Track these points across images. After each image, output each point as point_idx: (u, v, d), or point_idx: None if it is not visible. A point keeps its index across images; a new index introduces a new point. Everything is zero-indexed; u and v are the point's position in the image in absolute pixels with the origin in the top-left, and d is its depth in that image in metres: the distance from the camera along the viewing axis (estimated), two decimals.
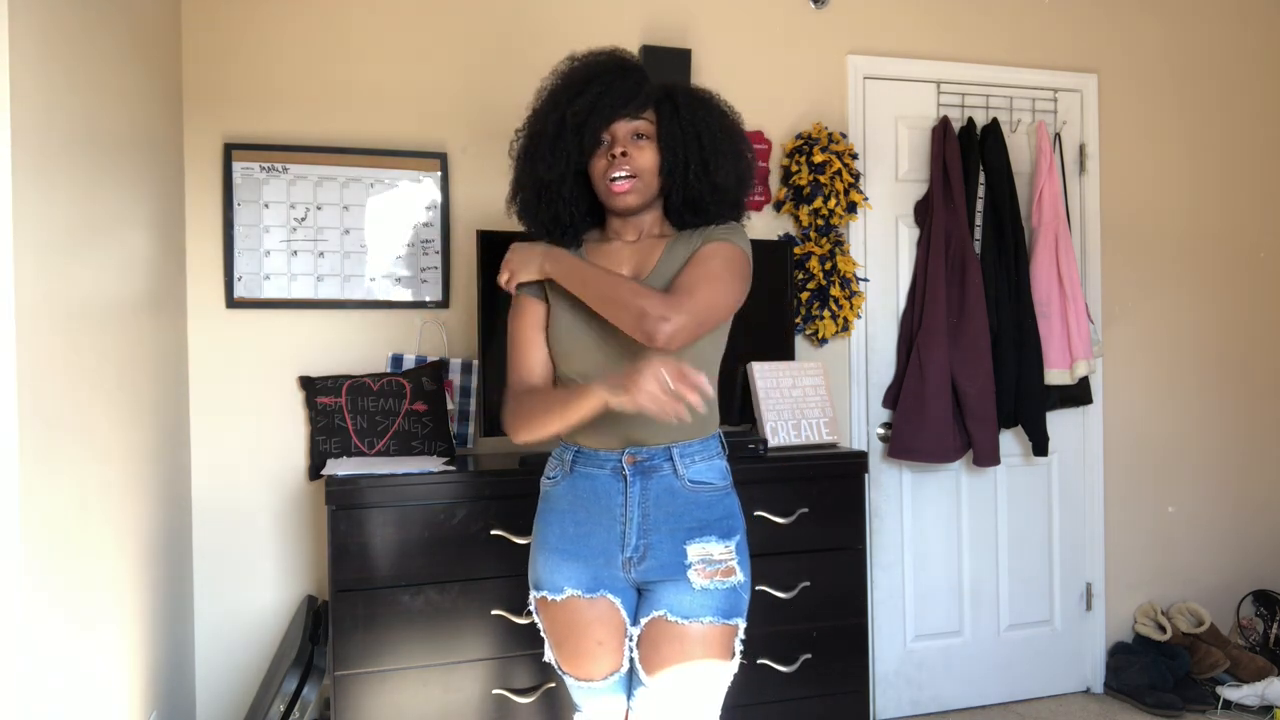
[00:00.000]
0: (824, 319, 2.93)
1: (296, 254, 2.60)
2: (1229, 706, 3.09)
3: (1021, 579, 3.24)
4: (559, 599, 1.63)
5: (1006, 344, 3.02)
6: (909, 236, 3.13)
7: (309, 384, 2.57)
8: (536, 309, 1.68)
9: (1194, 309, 3.47)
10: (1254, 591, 3.50)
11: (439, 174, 2.68)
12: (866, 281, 3.07)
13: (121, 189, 1.97)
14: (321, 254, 2.61)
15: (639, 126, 1.62)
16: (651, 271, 1.64)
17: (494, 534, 2.21)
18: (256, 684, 2.57)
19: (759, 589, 2.31)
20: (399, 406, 2.55)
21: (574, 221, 1.68)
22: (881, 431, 3.11)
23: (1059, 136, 3.24)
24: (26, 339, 1.44)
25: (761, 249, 2.57)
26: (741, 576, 1.62)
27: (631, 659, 1.64)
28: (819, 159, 2.88)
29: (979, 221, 3.05)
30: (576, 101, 1.60)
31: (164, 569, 2.24)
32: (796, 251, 2.92)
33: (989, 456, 2.97)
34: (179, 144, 2.51)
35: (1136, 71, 3.39)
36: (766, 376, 2.62)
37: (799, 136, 2.96)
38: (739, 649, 1.63)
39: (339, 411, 2.54)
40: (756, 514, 2.33)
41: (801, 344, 3.00)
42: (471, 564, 2.20)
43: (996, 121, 3.11)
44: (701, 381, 1.37)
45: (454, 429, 2.64)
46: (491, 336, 2.46)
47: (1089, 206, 3.32)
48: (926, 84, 3.15)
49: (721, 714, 1.66)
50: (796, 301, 2.92)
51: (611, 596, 1.62)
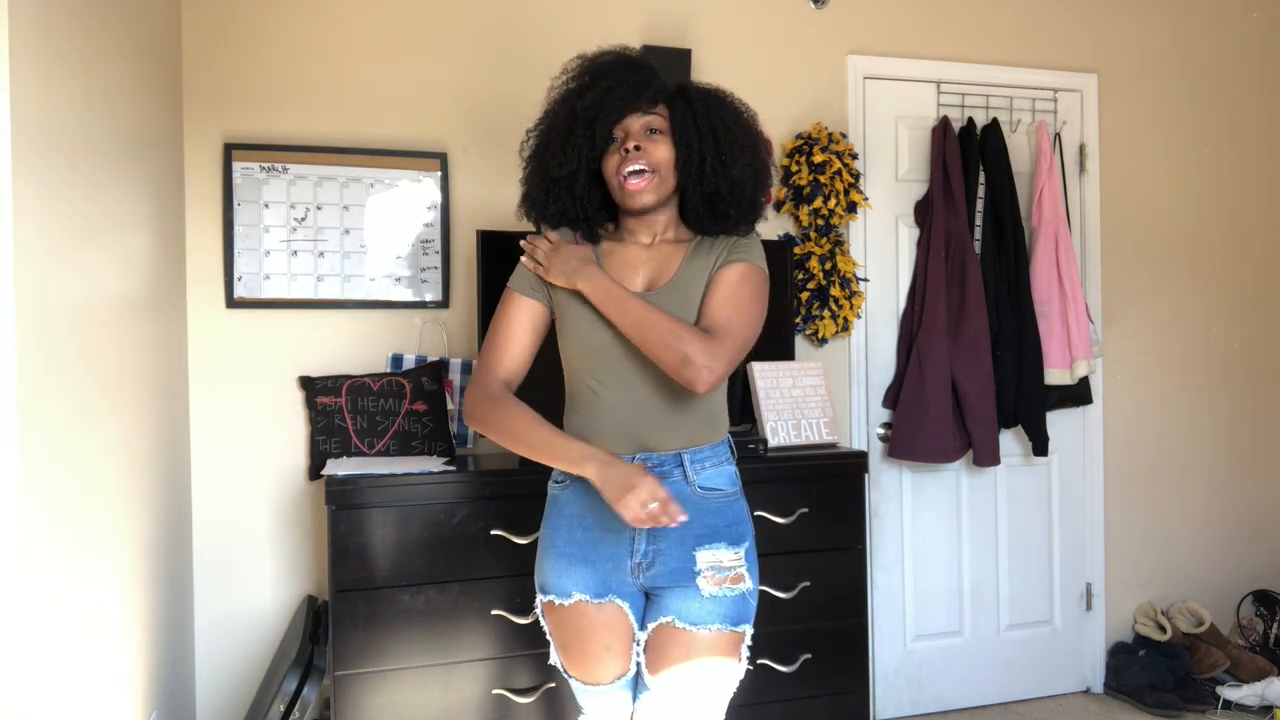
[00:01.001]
0: (824, 319, 2.93)
1: (296, 254, 2.60)
2: (1229, 706, 3.09)
3: (1021, 579, 3.24)
4: (567, 603, 1.62)
5: (1006, 344, 3.02)
6: (909, 236, 3.14)
7: (309, 384, 2.57)
8: (533, 310, 1.65)
9: (1194, 309, 3.47)
10: (1254, 591, 3.50)
11: (439, 174, 2.68)
12: (866, 281, 3.07)
13: (121, 189, 1.97)
14: (321, 254, 2.61)
15: (652, 121, 1.59)
16: (670, 281, 1.61)
17: (494, 534, 2.21)
18: (256, 684, 2.57)
19: (759, 589, 2.31)
20: (399, 406, 2.55)
21: (583, 218, 1.65)
22: (881, 431, 3.11)
23: (1059, 136, 3.24)
24: (26, 339, 1.44)
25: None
26: (750, 584, 1.61)
27: (637, 663, 1.63)
28: (819, 159, 2.88)
29: (979, 221, 3.05)
30: (587, 96, 1.57)
31: (164, 569, 2.24)
32: (796, 251, 2.92)
33: (989, 456, 2.97)
34: (179, 144, 2.51)
35: (1137, 71, 3.39)
36: (766, 376, 2.62)
37: (799, 136, 2.96)
38: (746, 655, 1.62)
39: (339, 411, 2.54)
40: (757, 514, 2.33)
41: (801, 344, 3.00)
42: (471, 564, 2.20)
43: (996, 121, 3.11)
44: (681, 516, 1.43)
45: (454, 429, 2.64)
46: None
47: (1089, 206, 3.32)
48: (926, 84, 3.15)
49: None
50: (796, 301, 2.92)
51: (620, 601, 1.61)
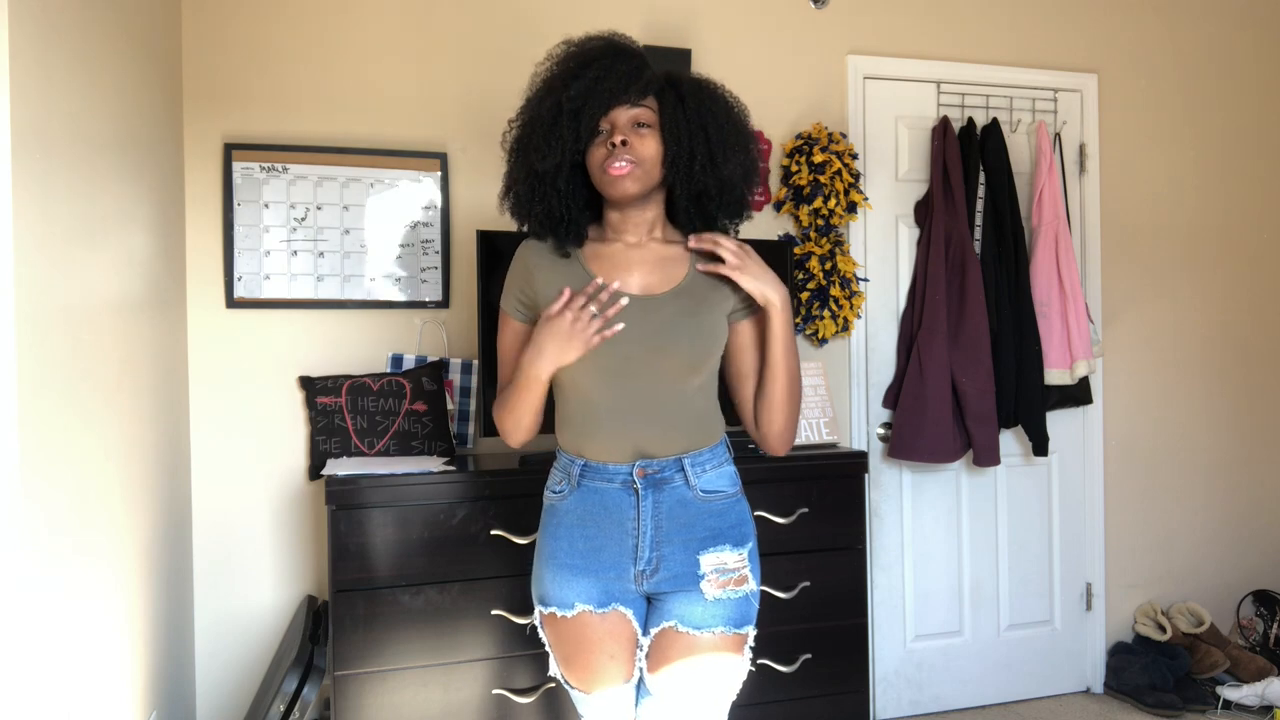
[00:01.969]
0: (824, 319, 2.93)
1: (296, 254, 2.60)
2: (1229, 706, 3.09)
3: (1021, 579, 3.24)
4: (570, 615, 1.58)
5: (1006, 344, 3.02)
6: (909, 236, 3.14)
7: (309, 384, 2.57)
8: (521, 331, 1.63)
9: (1194, 309, 3.47)
10: (1254, 591, 3.50)
11: (439, 174, 2.68)
12: (866, 281, 3.07)
13: (121, 189, 1.97)
14: (321, 254, 2.61)
15: (640, 114, 1.52)
16: (678, 287, 1.57)
17: (494, 534, 2.21)
18: (256, 684, 2.57)
19: (760, 589, 2.31)
20: (399, 406, 2.55)
21: (568, 217, 1.57)
22: (881, 431, 3.11)
23: (1059, 136, 3.24)
24: (26, 339, 1.44)
25: (761, 249, 2.57)
26: (754, 585, 1.60)
27: (640, 669, 1.60)
28: (819, 159, 2.88)
29: (979, 221, 3.05)
30: (573, 86, 1.50)
31: (164, 569, 2.25)
32: (796, 251, 2.92)
33: (989, 456, 2.97)
34: (179, 144, 2.51)
35: (1136, 71, 3.39)
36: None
37: (799, 136, 2.96)
38: (748, 656, 1.60)
39: (339, 411, 2.54)
40: (757, 514, 2.33)
41: (801, 344, 3.00)
42: (471, 564, 2.20)
43: (996, 121, 3.11)
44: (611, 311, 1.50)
45: (454, 429, 2.64)
46: (491, 336, 2.46)
47: (1089, 206, 3.32)
48: (926, 84, 3.15)
49: None
50: (796, 301, 2.92)
51: (623, 608, 1.58)
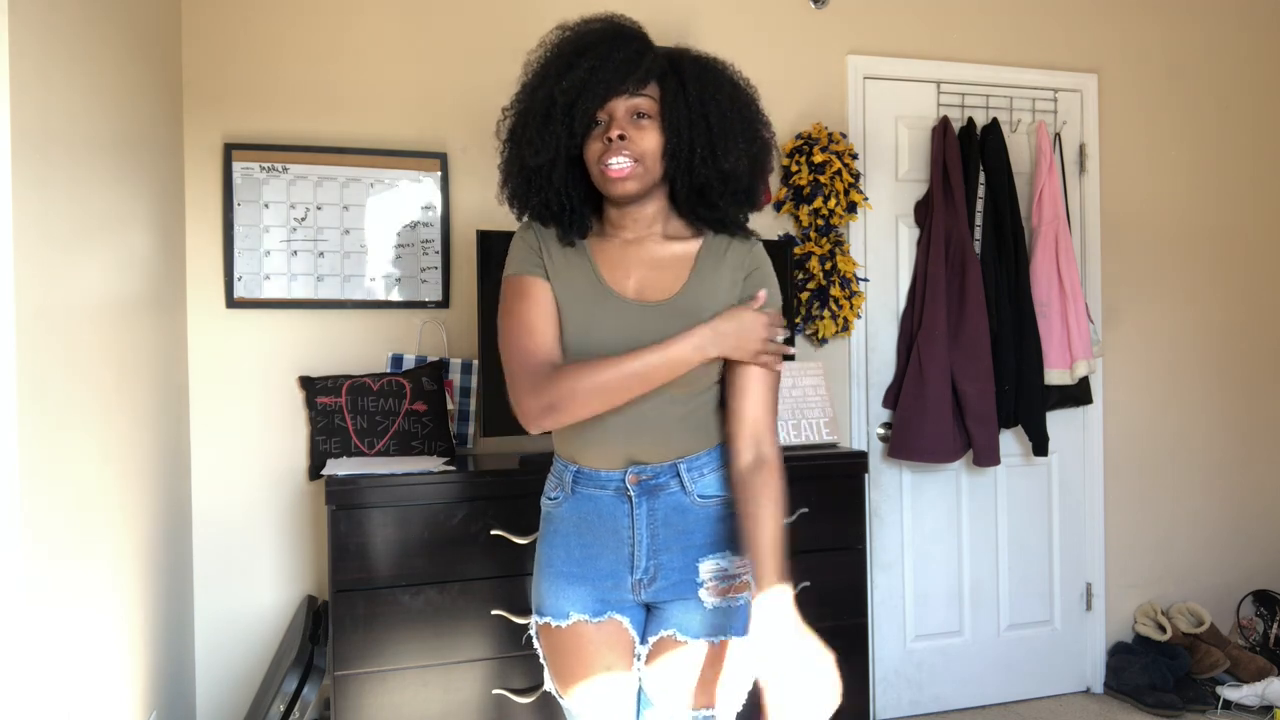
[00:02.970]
0: (824, 319, 2.93)
1: (296, 254, 2.59)
2: (1229, 706, 3.09)
3: (1021, 579, 3.24)
4: (564, 625, 1.52)
5: (1006, 344, 3.02)
6: (909, 236, 3.14)
7: (309, 384, 2.57)
8: (547, 288, 1.48)
9: (1194, 309, 3.47)
10: (1254, 591, 3.50)
11: (439, 174, 2.68)
12: (866, 281, 3.07)
13: (122, 189, 1.97)
14: (321, 254, 2.61)
15: (640, 104, 1.42)
16: (678, 294, 1.47)
17: (494, 534, 2.21)
18: (256, 684, 2.56)
19: None
20: (399, 406, 2.55)
21: (566, 209, 1.48)
22: (881, 431, 3.11)
23: (1059, 136, 3.24)
24: (26, 339, 1.44)
25: None
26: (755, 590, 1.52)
27: (638, 679, 1.54)
28: (819, 159, 2.88)
29: (979, 221, 3.05)
30: (567, 77, 1.40)
31: (164, 569, 2.24)
32: (796, 251, 2.92)
33: (989, 456, 2.96)
34: (179, 144, 2.51)
35: (1136, 71, 3.39)
36: None
37: (799, 136, 2.96)
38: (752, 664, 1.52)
39: (339, 411, 2.54)
40: None
41: (801, 344, 3.00)
42: (471, 564, 2.20)
43: (996, 121, 3.11)
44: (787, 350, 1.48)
45: (454, 429, 2.64)
46: (491, 336, 2.45)
47: (1089, 206, 3.32)
48: (926, 84, 3.15)
49: None
50: (796, 301, 2.92)
51: (619, 617, 1.52)
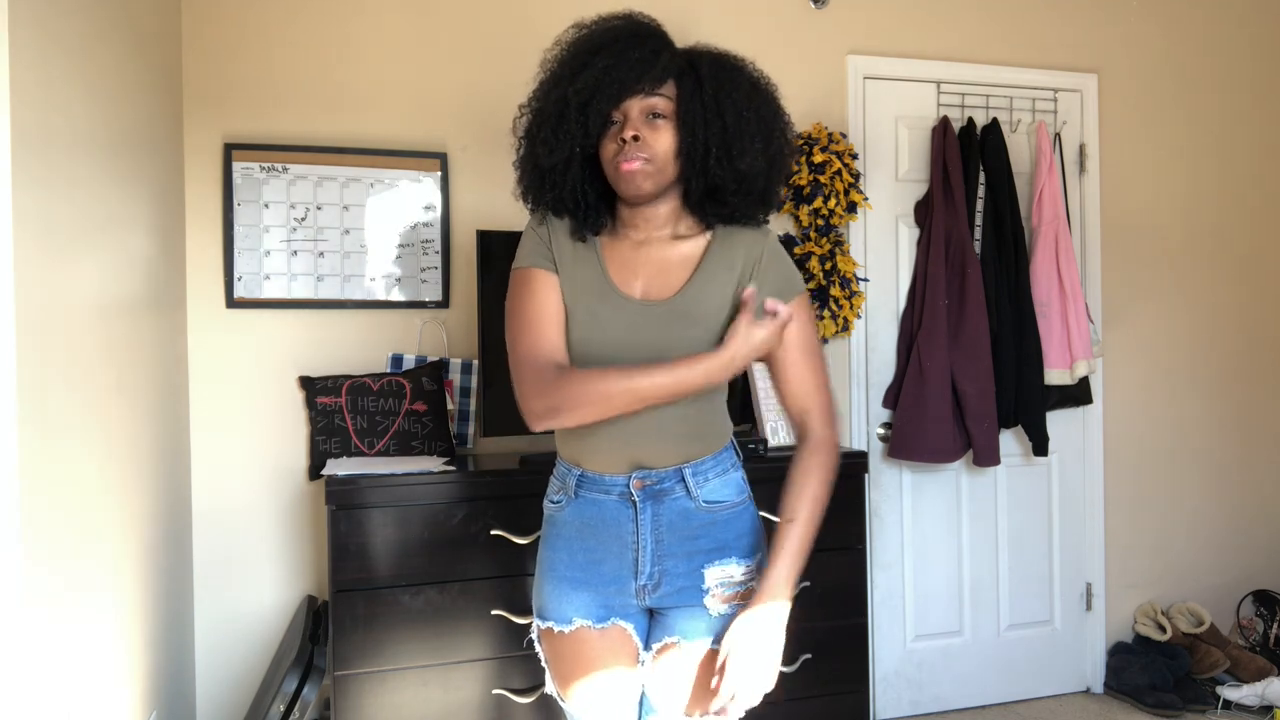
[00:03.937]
0: (824, 319, 2.93)
1: (296, 254, 2.59)
2: (1229, 706, 3.09)
3: (1021, 579, 3.24)
4: (567, 630, 1.50)
5: (1006, 344, 3.02)
6: (909, 236, 3.13)
7: (309, 384, 2.57)
8: (555, 282, 1.47)
9: (1194, 309, 3.47)
10: (1254, 591, 3.50)
11: (439, 174, 2.68)
12: (866, 281, 3.07)
13: (122, 189, 1.97)
14: (321, 254, 2.61)
15: (655, 104, 1.41)
16: (678, 294, 1.44)
17: (494, 534, 2.21)
18: (256, 684, 2.56)
19: None
20: (399, 406, 2.55)
21: (581, 207, 1.47)
22: (881, 431, 3.11)
23: (1059, 136, 3.24)
24: (26, 339, 1.43)
25: None
26: None
27: (642, 686, 1.53)
28: (819, 159, 2.88)
29: (979, 221, 3.05)
30: (581, 77, 1.39)
31: (164, 569, 2.24)
32: (796, 251, 2.92)
33: (989, 456, 2.96)
34: (179, 144, 2.51)
35: (1136, 71, 3.39)
36: (766, 376, 2.62)
37: (799, 136, 2.95)
38: None
39: (339, 411, 2.54)
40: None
41: None
42: (471, 564, 2.20)
43: (996, 121, 3.11)
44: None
45: (454, 429, 2.64)
46: (491, 336, 2.46)
47: (1089, 206, 3.32)
48: (926, 84, 3.15)
49: None
50: None
51: (623, 623, 1.50)
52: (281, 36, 2.61)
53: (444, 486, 2.21)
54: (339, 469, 2.25)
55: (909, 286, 3.11)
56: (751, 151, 1.42)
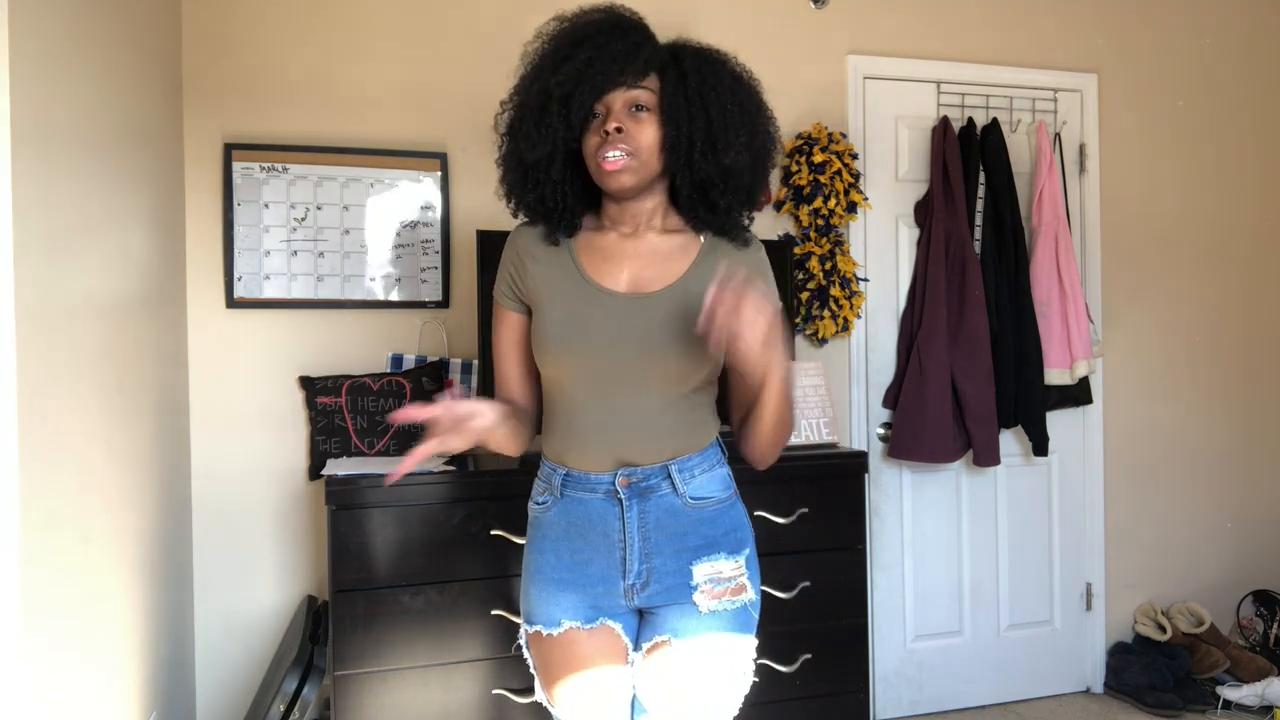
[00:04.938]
0: (824, 319, 2.93)
1: (296, 254, 2.60)
2: (1229, 706, 3.09)
3: (1021, 579, 3.24)
4: (555, 633, 1.48)
5: (1006, 344, 3.02)
6: (909, 236, 3.14)
7: (309, 384, 2.57)
8: (517, 324, 1.53)
9: (1194, 308, 3.47)
10: (1254, 591, 3.50)
11: (439, 174, 2.68)
12: (866, 281, 3.07)
13: (122, 188, 1.97)
14: (321, 254, 2.61)
15: (638, 96, 1.39)
16: (672, 286, 1.43)
17: (494, 534, 2.21)
18: (256, 684, 2.57)
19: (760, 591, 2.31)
20: (399, 406, 2.55)
21: (563, 206, 1.46)
22: (881, 431, 3.11)
23: (1059, 136, 3.24)
24: (26, 339, 1.44)
25: None
26: (753, 594, 1.49)
27: (633, 687, 1.51)
28: (819, 159, 2.88)
29: (979, 221, 3.05)
30: (563, 69, 1.37)
31: (164, 569, 2.24)
32: (796, 251, 2.92)
33: (989, 456, 2.97)
34: (179, 143, 2.51)
35: (1137, 71, 3.39)
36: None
37: (799, 136, 2.96)
38: (750, 669, 1.49)
39: (339, 411, 2.54)
40: (757, 514, 2.33)
41: (801, 344, 3.00)
42: (472, 564, 2.20)
43: (996, 121, 3.11)
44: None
45: None
46: (491, 337, 2.46)
47: (1089, 206, 3.32)
48: (926, 84, 3.15)
49: None
50: (796, 301, 2.92)
51: (612, 623, 1.48)
52: (282, 36, 2.61)
53: (444, 486, 2.21)
54: (339, 469, 2.25)
55: (909, 286, 3.11)
56: (736, 145, 1.41)
